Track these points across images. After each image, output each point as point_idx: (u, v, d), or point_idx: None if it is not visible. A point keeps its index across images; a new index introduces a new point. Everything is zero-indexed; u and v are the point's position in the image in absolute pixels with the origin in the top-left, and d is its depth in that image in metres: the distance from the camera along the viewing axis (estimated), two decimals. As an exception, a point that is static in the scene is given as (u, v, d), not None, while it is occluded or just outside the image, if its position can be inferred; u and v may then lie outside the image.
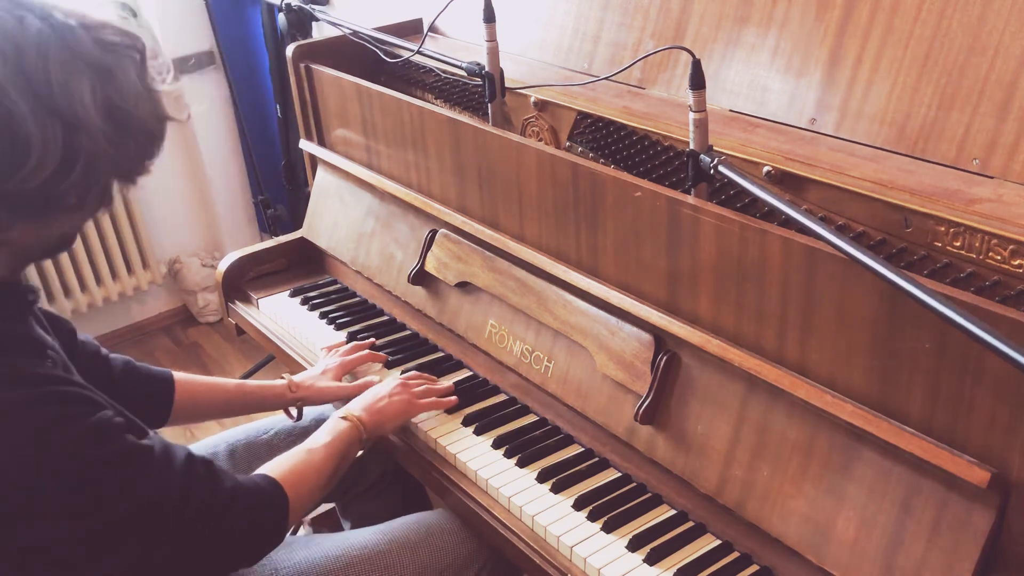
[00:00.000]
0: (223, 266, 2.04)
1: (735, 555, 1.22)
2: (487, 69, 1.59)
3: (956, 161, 1.16)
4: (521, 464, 1.40)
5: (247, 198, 3.46)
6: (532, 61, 1.76)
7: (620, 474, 1.38)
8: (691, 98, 1.19)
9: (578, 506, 1.31)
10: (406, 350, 1.73)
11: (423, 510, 1.78)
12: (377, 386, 1.52)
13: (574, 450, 1.44)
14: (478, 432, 1.48)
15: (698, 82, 1.18)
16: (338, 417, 1.40)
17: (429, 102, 1.85)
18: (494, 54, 1.58)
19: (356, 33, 1.93)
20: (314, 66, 1.97)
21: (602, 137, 1.51)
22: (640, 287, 1.34)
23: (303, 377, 1.60)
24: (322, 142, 2.05)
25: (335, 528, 1.90)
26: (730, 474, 1.21)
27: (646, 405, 1.30)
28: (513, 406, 1.54)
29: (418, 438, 1.51)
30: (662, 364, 1.30)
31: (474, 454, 1.43)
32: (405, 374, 1.59)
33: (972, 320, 0.86)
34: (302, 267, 2.11)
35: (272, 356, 2.85)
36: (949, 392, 0.99)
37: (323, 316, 1.88)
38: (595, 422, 1.41)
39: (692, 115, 1.20)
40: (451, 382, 1.60)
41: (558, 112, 1.59)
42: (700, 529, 1.27)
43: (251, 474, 1.24)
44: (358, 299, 1.94)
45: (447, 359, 1.69)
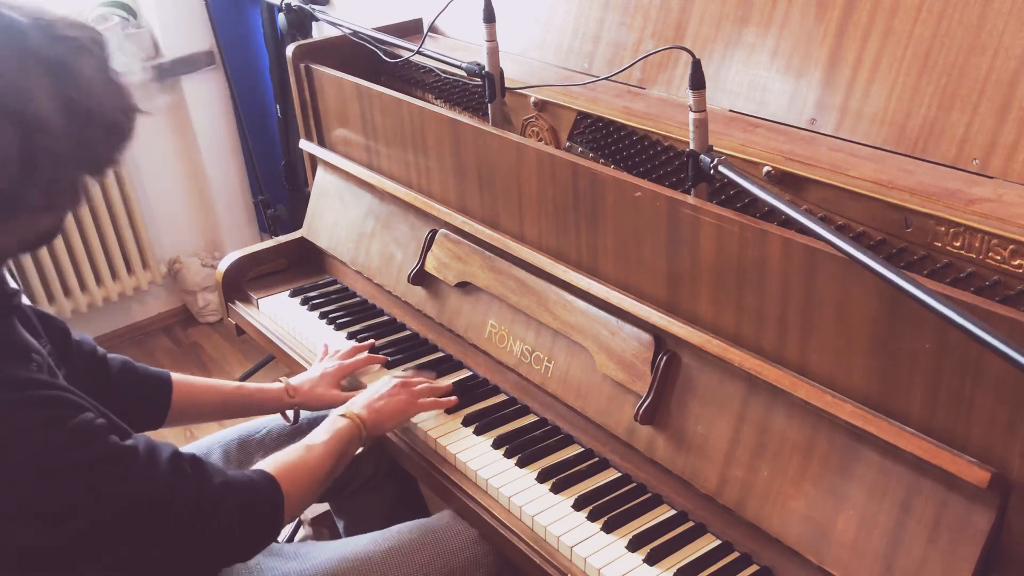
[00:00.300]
0: (223, 266, 2.04)
1: (735, 555, 1.22)
2: (487, 69, 1.59)
3: (956, 161, 1.16)
4: (521, 464, 1.40)
5: (247, 198, 3.46)
6: (532, 61, 1.76)
7: (620, 474, 1.38)
8: (691, 98, 1.19)
9: (578, 506, 1.31)
10: (406, 350, 1.73)
11: (418, 507, 1.77)
12: (376, 385, 1.51)
13: (574, 450, 1.44)
14: (478, 432, 1.48)
15: (698, 82, 1.18)
16: (338, 415, 1.40)
17: (429, 102, 1.85)
18: (494, 54, 1.58)
19: (356, 33, 1.93)
20: (314, 66, 1.97)
21: (602, 137, 1.51)
22: (640, 287, 1.34)
23: (301, 381, 1.59)
24: (322, 142, 2.05)
25: (334, 528, 1.90)
26: (730, 474, 1.21)
27: (646, 405, 1.30)
28: (513, 406, 1.54)
29: (418, 438, 1.51)
30: (662, 364, 1.30)
31: (474, 454, 1.43)
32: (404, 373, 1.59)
33: (972, 320, 0.86)
34: (302, 267, 2.11)
35: (272, 356, 2.85)
36: (949, 392, 0.99)
37: (323, 316, 1.88)
38: (595, 422, 1.41)
39: (692, 115, 1.20)
40: (451, 382, 1.60)
41: (558, 112, 1.59)
42: (700, 529, 1.27)
43: (247, 470, 1.24)
44: (358, 299, 1.94)
45: (447, 359, 1.69)
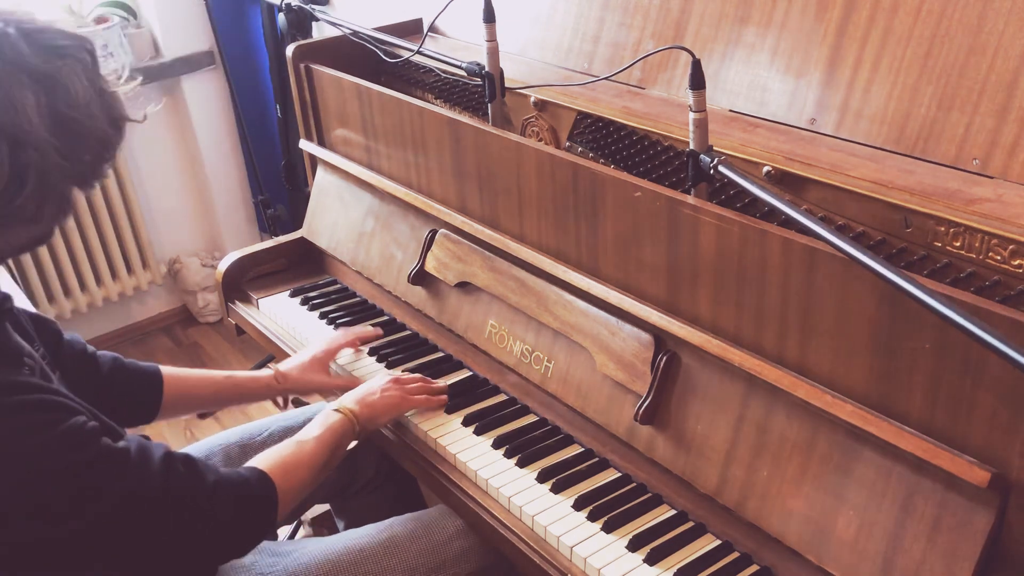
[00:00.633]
0: (223, 266, 2.04)
1: (735, 555, 1.22)
2: (487, 69, 1.59)
3: (956, 161, 1.16)
4: (521, 464, 1.40)
5: (247, 198, 3.46)
6: (532, 61, 1.76)
7: (620, 474, 1.38)
8: (691, 98, 1.19)
9: (578, 506, 1.31)
10: (406, 350, 1.73)
11: (418, 508, 1.78)
12: (369, 381, 1.52)
13: (574, 450, 1.44)
14: (478, 432, 1.48)
15: (698, 82, 1.18)
16: (331, 409, 1.41)
17: (429, 102, 1.85)
18: (494, 54, 1.58)
19: (356, 33, 1.93)
20: (314, 66, 1.97)
21: (602, 137, 1.51)
22: (640, 287, 1.34)
23: (290, 367, 1.60)
24: (322, 142, 2.05)
25: (334, 528, 1.90)
26: (730, 474, 1.21)
27: (646, 405, 1.30)
28: (513, 406, 1.54)
29: (418, 438, 1.51)
30: (662, 364, 1.30)
31: (474, 454, 1.43)
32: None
33: (972, 320, 0.86)
34: (302, 267, 2.11)
35: (272, 356, 2.85)
36: (949, 392, 0.99)
37: (323, 316, 1.88)
38: (595, 422, 1.41)
39: (692, 115, 1.20)
40: (451, 382, 1.60)
41: (558, 112, 1.59)
42: (700, 529, 1.27)
43: (240, 467, 1.25)
44: (358, 299, 1.94)
45: (447, 359, 1.69)
